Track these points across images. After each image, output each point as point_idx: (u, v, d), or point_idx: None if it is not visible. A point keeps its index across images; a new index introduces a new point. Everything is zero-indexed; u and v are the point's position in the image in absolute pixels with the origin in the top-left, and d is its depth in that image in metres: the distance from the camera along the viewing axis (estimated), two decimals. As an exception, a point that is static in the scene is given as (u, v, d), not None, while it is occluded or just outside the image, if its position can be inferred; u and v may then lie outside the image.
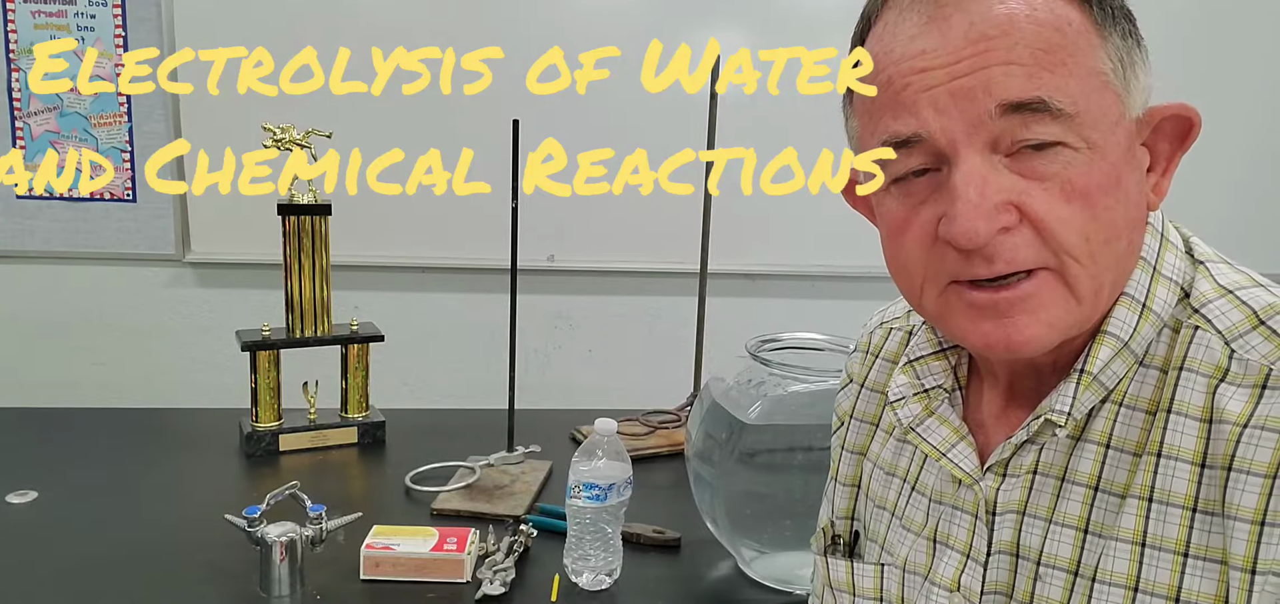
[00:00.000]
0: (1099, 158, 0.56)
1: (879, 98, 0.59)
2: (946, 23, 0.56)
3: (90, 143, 2.27)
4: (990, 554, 0.65)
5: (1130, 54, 0.58)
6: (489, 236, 2.27)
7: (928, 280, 0.61)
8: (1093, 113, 0.56)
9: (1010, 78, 0.54)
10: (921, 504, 0.71)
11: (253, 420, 1.59)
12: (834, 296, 2.58)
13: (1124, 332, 0.60)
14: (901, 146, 0.58)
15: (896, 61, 0.58)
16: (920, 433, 0.70)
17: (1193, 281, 0.61)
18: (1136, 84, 0.58)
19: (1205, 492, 0.55)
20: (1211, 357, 0.57)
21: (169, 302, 2.41)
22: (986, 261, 0.57)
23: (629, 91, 2.35)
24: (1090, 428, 0.61)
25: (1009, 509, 0.64)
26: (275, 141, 1.56)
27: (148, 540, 1.27)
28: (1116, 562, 0.58)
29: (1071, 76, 0.55)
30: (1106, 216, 0.56)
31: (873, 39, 0.61)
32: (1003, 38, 0.55)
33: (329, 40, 2.26)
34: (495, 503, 1.39)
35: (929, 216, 0.59)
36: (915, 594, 0.70)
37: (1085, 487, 0.61)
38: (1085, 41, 0.56)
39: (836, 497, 0.83)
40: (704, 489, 1.21)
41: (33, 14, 2.19)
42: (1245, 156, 2.57)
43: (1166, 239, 0.63)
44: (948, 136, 0.56)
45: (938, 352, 0.71)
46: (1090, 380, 0.60)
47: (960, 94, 0.55)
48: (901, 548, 0.72)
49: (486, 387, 2.46)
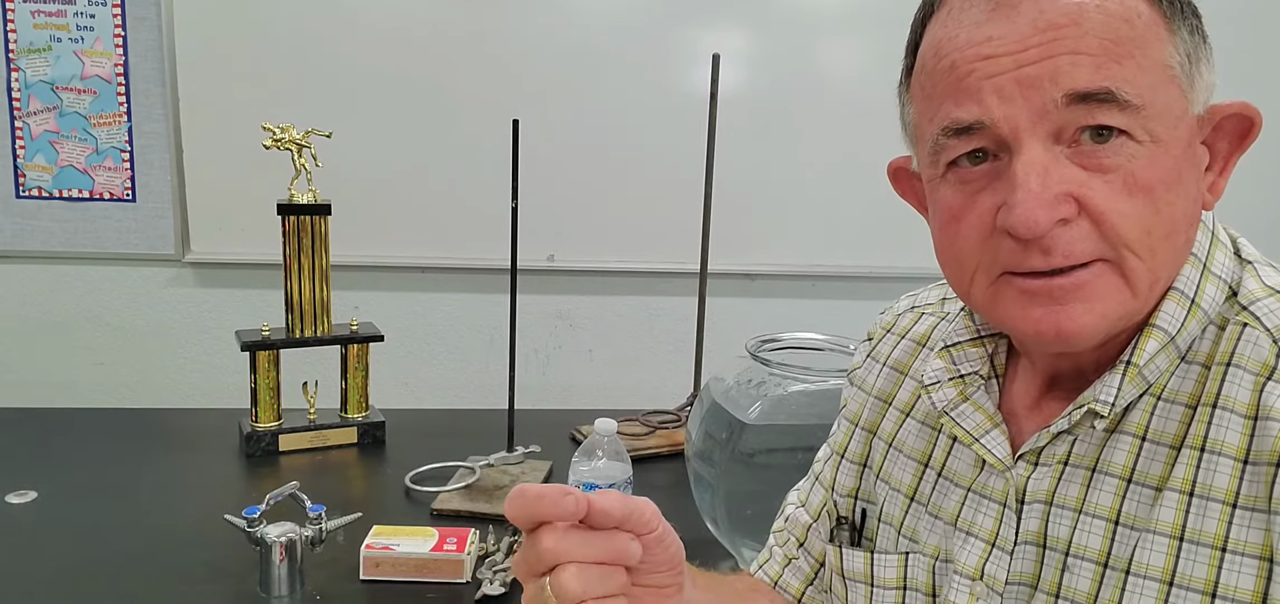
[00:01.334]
0: (1162, 152, 0.56)
1: (941, 83, 0.59)
2: (1014, 10, 0.56)
3: (90, 143, 2.27)
4: (1016, 544, 0.64)
5: (1197, 50, 0.58)
6: (489, 236, 2.27)
7: (980, 269, 0.60)
8: (1158, 106, 0.55)
9: (1078, 67, 0.54)
10: (955, 494, 0.70)
11: (252, 420, 1.59)
12: (834, 296, 2.58)
13: (1171, 326, 0.60)
14: (962, 133, 0.58)
15: (960, 47, 0.58)
16: (954, 417, 0.69)
17: (1240, 280, 0.61)
18: (1201, 80, 0.58)
19: (1248, 488, 0.55)
20: (1259, 354, 0.57)
21: (169, 301, 2.41)
22: (1044, 253, 0.56)
23: (629, 91, 2.35)
24: (1126, 420, 0.61)
25: (1037, 498, 0.64)
26: (275, 141, 1.56)
27: (148, 540, 1.27)
28: (1153, 554, 0.57)
29: (1139, 69, 0.55)
30: (1168, 212, 0.56)
31: (936, 24, 0.61)
32: (1072, 27, 0.55)
33: (329, 39, 2.26)
34: (495, 503, 1.38)
35: (987, 206, 0.58)
36: (945, 582, 0.69)
37: (1118, 478, 0.60)
38: (1154, 34, 0.56)
39: (842, 473, 0.82)
40: (704, 489, 1.21)
41: (32, 14, 2.19)
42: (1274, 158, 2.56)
43: (1217, 238, 0.63)
44: (1011, 124, 0.56)
45: (975, 338, 0.71)
46: (1135, 373, 0.59)
47: (1026, 82, 0.55)
48: (930, 536, 0.71)
49: (486, 387, 2.46)
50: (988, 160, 0.58)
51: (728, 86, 1.77)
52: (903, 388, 0.79)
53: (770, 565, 0.89)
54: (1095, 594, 0.60)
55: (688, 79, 2.34)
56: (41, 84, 2.22)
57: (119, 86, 2.26)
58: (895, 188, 0.71)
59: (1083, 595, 0.60)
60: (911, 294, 0.85)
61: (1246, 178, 0.69)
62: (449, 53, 2.30)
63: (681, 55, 2.37)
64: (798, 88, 2.40)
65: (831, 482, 0.84)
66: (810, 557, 0.86)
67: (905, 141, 0.68)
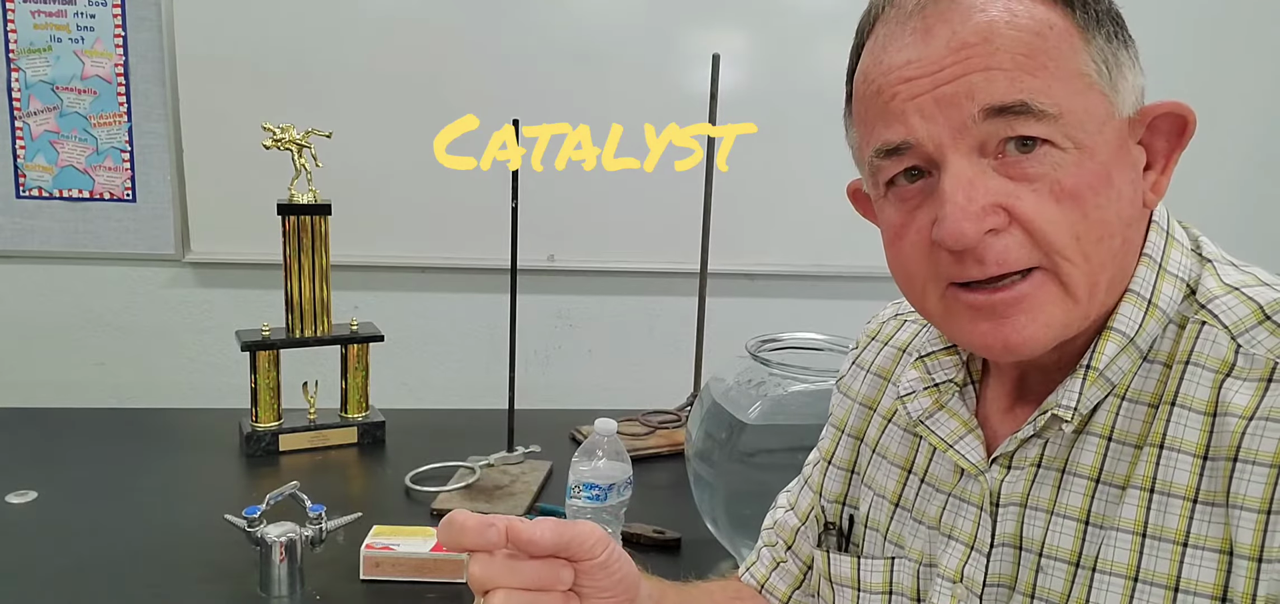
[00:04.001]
0: (1087, 157, 0.57)
1: (871, 108, 0.61)
2: (930, 34, 0.58)
3: (90, 143, 2.27)
4: (993, 546, 0.65)
5: (1117, 55, 0.59)
6: (489, 236, 2.27)
7: (929, 282, 0.62)
8: (1078, 113, 0.57)
9: (992, 82, 0.56)
10: (937, 499, 0.71)
11: (253, 420, 1.59)
12: (834, 296, 2.58)
13: (1130, 328, 0.61)
14: (893, 154, 0.60)
15: (884, 73, 0.60)
16: (929, 425, 0.70)
17: (1199, 279, 0.62)
18: (1125, 83, 0.59)
19: (1207, 483, 0.56)
20: (1218, 351, 0.58)
21: (169, 301, 2.41)
22: (978, 263, 0.58)
23: (629, 91, 2.35)
24: (1092, 421, 0.62)
25: (1012, 501, 0.65)
26: (275, 141, 1.56)
27: (148, 540, 1.27)
28: (1117, 551, 0.58)
29: (1054, 79, 0.56)
30: (1097, 215, 0.57)
31: (866, 53, 0.63)
32: (983, 44, 0.56)
33: (329, 39, 2.26)
34: (495, 503, 1.38)
35: (924, 221, 0.60)
36: (929, 586, 0.71)
37: (1087, 478, 0.61)
38: (1067, 45, 0.57)
39: (829, 479, 0.83)
40: (704, 489, 1.21)
41: (33, 14, 2.19)
42: (1244, 157, 2.57)
43: (1172, 237, 0.64)
44: (934, 142, 0.58)
45: (949, 347, 0.72)
46: (1096, 376, 0.61)
47: (944, 100, 0.57)
48: (914, 541, 0.72)
49: (486, 387, 2.45)
50: (922, 178, 0.60)
51: (728, 86, 1.77)
52: (886, 395, 0.80)
53: (757, 568, 0.90)
54: (1068, 593, 0.61)
55: (688, 79, 2.34)
56: (42, 84, 2.22)
57: (119, 87, 2.26)
58: (856, 208, 0.73)
59: (1057, 595, 0.61)
60: (897, 302, 0.86)
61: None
62: (449, 53, 2.30)
63: (681, 55, 2.37)
64: (798, 88, 2.40)
65: (819, 486, 0.85)
66: (798, 560, 0.87)
67: (856, 165, 0.69)
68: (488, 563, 0.63)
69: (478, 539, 0.62)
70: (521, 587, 0.63)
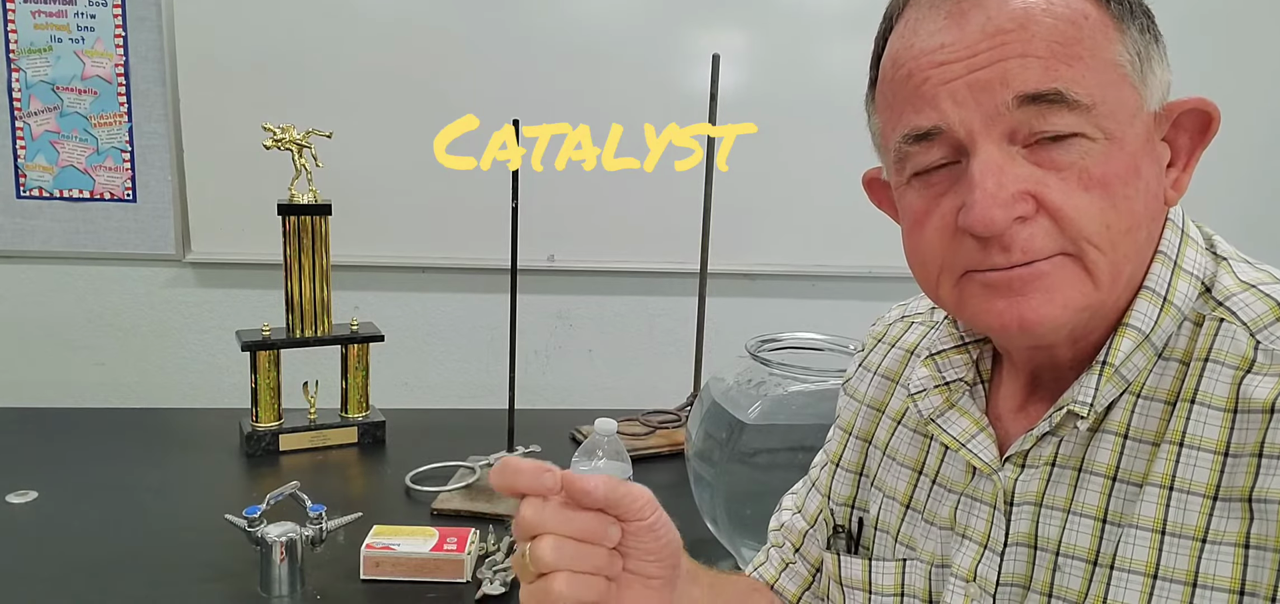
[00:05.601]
0: (1117, 148, 0.57)
1: (900, 92, 0.61)
2: (965, 18, 0.57)
3: (90, 143, 2.27)
4: (1007, 545, 0.65)
5: (1148, 48, 0.59)
6: (489, 236, 2.27)
7: (944, 270, 0.62)
8: (1110, 104, 0.56)
9: (1027, 70, 0.55)
10: (949, 499, 0.71)
11: (253, 420, 1.59)
12: (834, 297, 2.58)
13: (1145, 324, 0.60)
14: (922, 140, 0.60)
15: (916, 57, 0.59)
16: (940, 424, 0.70)
17: (1214, 277, 0.62)
18: (1154, 78, 0.59)
19: (1227, 479, 0.56)
20: (1237, 348, 0.58)
21: (169, 301, 2.41)
22: (1004, 250, 0.57)
23: (629, 91, 2.35)
24: (1108, 419, 0.62)
25: (1026, 500, 0.64)
26: (275, 141, 1.56)
27: (148, 540, 1.27)
28: (1136, 549, 0.58)
29: (1088, 69, 0.56)
30: (1126, 206, 0.57)
31: (895, 37, 0.62)
32: (1019, 31, 0.56)
33: (329, 39, 2.26)
34: (495, 503, 1.39)
35: (949, 208, 0.60)
36: (942, 587, 0.70)
37: (1103, 477, 0.61)
38: (1102, 35, 0.57)
39: (837, 482, 0.83)
40: (704, 489, 1.21)
41: (33, 14, 2.19)
42: (1257, 154, 2.57)
43: (1187, 235, 0.64)
44: (966, 128, 0.57)
45: (959, 345, 0.72)
46: (1112, 372, 0.60)
47: (978, 86, 0.56)
48: (926, 542, 0.72)
49: (486, 387, 2.46)
50: (947, 166, 0.60)
51: (728, 86, 1.77)
52: (894, 397, 0.80)
53: (766, 568, 0.90)
54: (1086, 591, 0.60)
55: (688, 79, 2.34)
56: (42, 84, 2.23)
57: (119, 87, 2.26)
58: (870, 197, 0.72)
59: (1074, 594, 0.61)
60: (903, 303, 0.86)
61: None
62: (449, 53, 2.30)
63: (681, 55, 2.37)
64: (798, 88, 2.40)
65: (828, 488, 0.84)
66: (806, 562, 0.87)
67: (876, 152, 0.69)
68: (540, 508, 0.62)
69: (533, 482, 0.62)
70: (571, 535, 0.62)
